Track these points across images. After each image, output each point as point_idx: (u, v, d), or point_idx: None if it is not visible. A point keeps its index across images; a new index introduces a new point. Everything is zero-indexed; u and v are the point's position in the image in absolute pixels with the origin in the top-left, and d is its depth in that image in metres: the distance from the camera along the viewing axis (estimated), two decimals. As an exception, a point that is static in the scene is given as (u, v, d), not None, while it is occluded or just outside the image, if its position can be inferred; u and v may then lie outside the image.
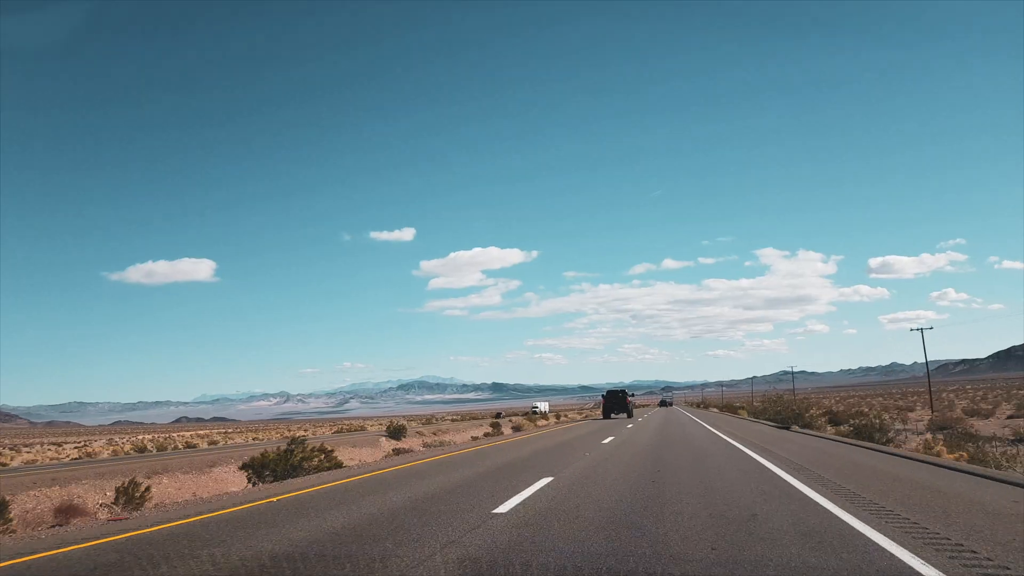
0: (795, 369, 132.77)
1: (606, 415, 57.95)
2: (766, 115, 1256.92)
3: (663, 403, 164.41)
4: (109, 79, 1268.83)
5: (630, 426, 36.62)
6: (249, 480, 13.99)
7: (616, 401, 59.10)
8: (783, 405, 35.61)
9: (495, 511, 7.92)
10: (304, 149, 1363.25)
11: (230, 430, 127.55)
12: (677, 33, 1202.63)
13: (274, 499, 9.85)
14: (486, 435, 32.40)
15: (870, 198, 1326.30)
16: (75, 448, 63.86)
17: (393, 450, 23.16)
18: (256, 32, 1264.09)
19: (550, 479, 11.32)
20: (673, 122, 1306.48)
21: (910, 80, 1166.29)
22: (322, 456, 15.18)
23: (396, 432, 41.17)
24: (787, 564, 5.08)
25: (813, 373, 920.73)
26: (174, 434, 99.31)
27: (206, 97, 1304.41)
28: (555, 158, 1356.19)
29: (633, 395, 70.30)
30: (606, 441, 22.50)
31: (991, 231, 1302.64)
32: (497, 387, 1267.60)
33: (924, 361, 63.44)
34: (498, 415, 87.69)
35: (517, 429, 40.42)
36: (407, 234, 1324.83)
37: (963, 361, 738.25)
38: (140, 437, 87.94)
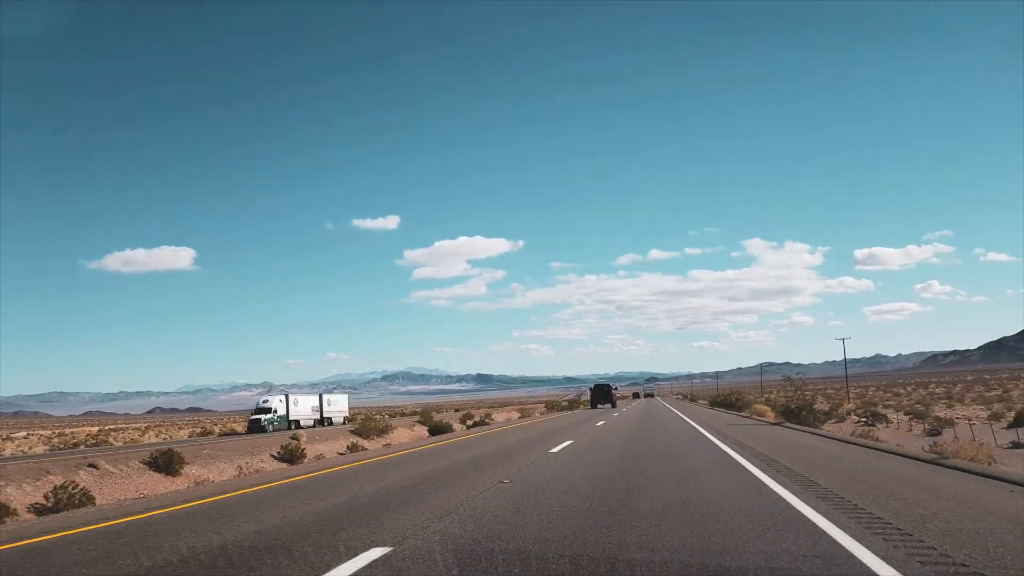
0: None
1: (593, 405, 68.84)
2: (754, 106, 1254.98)
3: (637, 395, 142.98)
4: (88, 68, 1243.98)
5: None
6: None
7: (602, 393, 70.88)
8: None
9: None
10: (285, 136, 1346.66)
11: (155, 423, 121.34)
12: (665, 24, 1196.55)
13: None
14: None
15: (858, 189, 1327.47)
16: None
17: None
18: (237, 22, 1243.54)
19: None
20: (661, 112, 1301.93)
21: (899, 73, 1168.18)
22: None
23: None
24: None
25: (798, 364, 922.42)
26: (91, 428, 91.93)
27: (186, 86, 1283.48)
28: (542, 147, 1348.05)
29: (616, 388, 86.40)
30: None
31: (978, 223, 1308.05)
32: (482, 378, 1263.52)
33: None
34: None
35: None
36: (391, 222, 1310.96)
37: (953, 352, 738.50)
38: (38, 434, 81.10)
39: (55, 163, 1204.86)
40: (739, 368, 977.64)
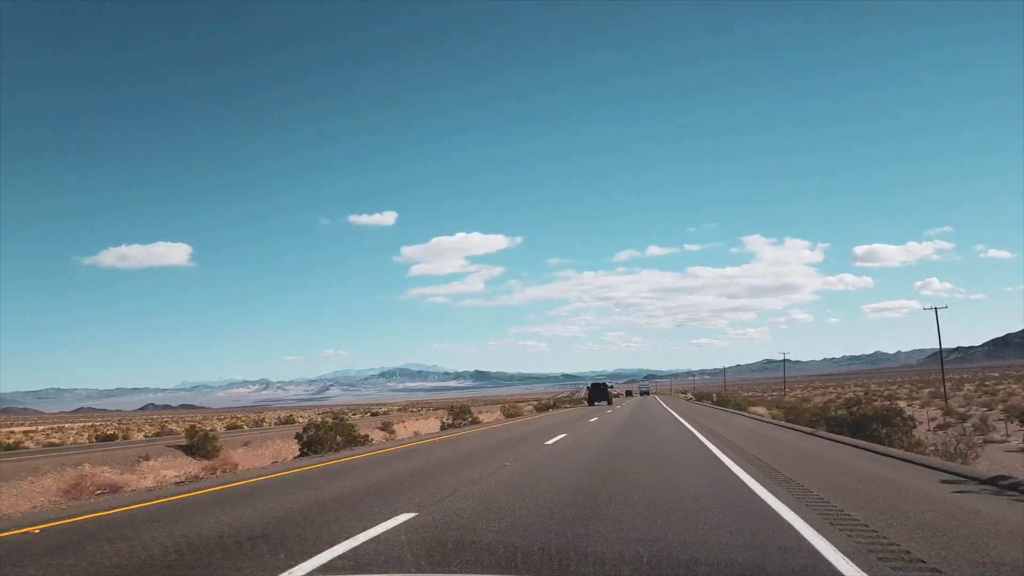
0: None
1: (591, 403, 70.16)
2: (754, 103, 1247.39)
3: (630, 393, 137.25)
4: (81, 61, 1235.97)
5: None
6: None
7: (599, 391, 72.78)
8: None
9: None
10: (281, 132, 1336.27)
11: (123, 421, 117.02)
12: (663, 21, 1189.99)
13: None
14: None
15: (858, 186, 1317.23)
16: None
17: None
18: (232, 17, 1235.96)
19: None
20: (661, 109, 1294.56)
21: (900, 68, 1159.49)
22: None
23: None
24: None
25: (797, 362, 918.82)
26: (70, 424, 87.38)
27: (181, 83, 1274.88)
28: (540, 144, 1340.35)
29: (613, 386, 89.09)
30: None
31: (979, 219, 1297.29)
32: (480, 375, 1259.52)
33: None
34: None
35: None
36: (388, 218, 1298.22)
37: (958, 349, 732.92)
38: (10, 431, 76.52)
39: (48, 159, 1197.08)
40: (739, 365, 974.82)
